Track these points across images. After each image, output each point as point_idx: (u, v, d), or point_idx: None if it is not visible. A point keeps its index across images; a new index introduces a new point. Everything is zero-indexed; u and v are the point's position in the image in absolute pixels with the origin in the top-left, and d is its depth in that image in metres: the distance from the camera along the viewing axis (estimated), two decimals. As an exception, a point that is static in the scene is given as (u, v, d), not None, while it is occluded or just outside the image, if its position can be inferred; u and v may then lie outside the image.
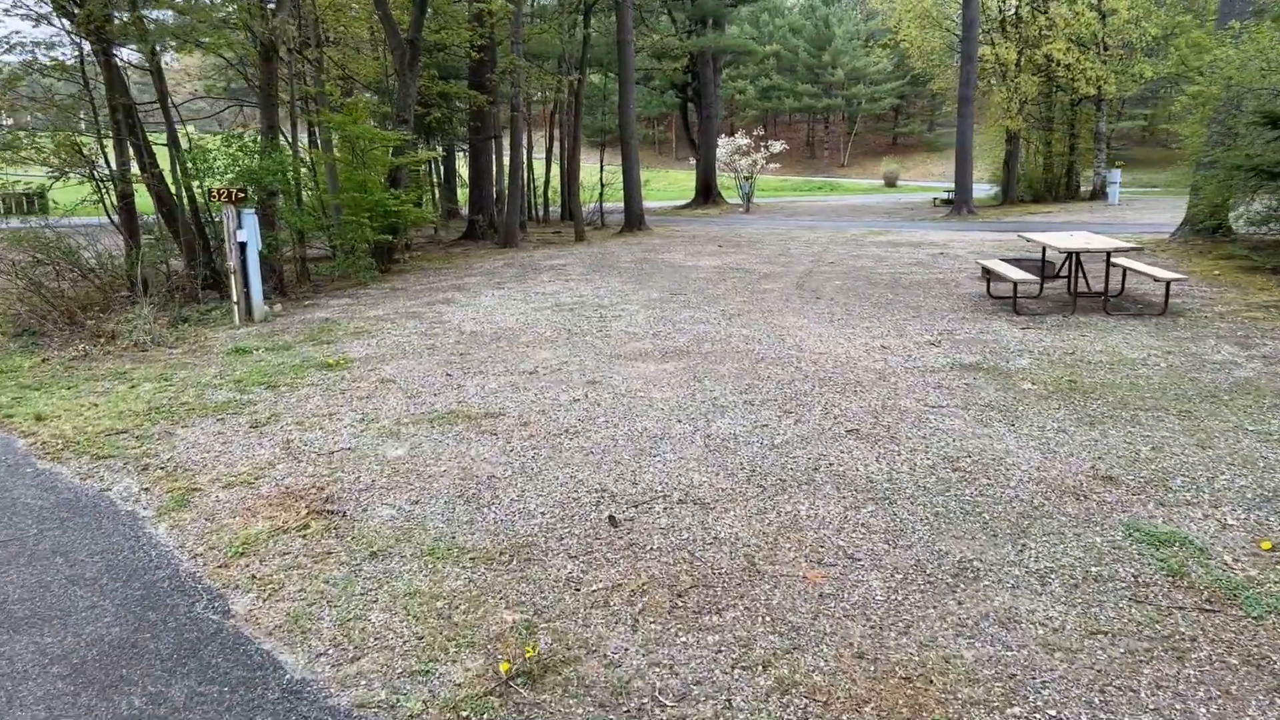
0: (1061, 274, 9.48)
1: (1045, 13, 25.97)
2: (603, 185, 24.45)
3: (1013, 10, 27.32)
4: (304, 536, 3.81)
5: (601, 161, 24.80)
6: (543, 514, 3.97)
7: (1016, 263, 11.29)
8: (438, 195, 27.24)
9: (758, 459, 4.58)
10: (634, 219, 20.72)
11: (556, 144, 25.77)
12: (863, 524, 3.76)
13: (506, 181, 18.76)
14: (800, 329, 8.04)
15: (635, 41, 27.49)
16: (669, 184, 48.56)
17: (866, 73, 59.70)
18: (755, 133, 33.97)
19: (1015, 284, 8.45)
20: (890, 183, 50.60)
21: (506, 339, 7.97)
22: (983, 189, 29.50)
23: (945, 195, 30.75)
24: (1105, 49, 26.18)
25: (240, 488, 4.41)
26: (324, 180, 14.67)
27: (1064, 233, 10.15)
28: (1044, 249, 9.58)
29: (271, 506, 4.16)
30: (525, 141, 23.45)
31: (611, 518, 3.89)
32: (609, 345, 7.54)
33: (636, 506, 4.02)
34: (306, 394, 6.19)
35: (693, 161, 36.16)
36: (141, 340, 8.11)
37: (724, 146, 31.99)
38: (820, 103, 60.68)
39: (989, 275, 9.51)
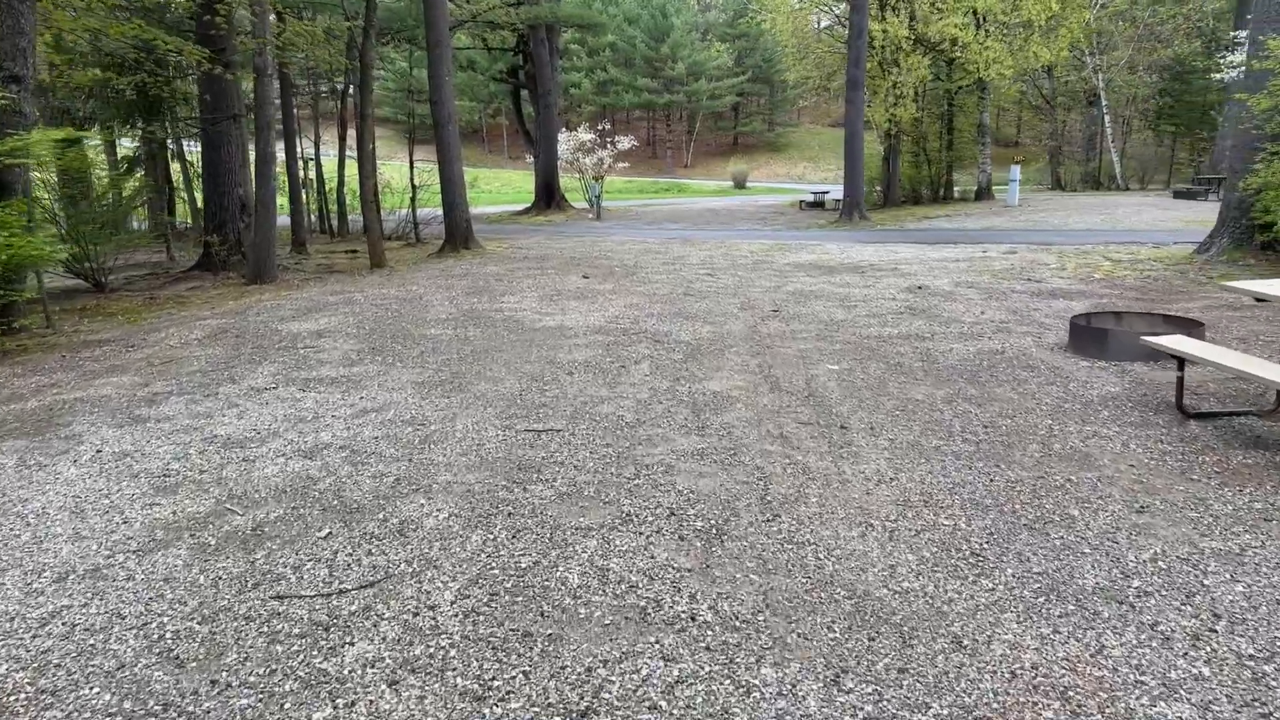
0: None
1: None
2: (414, 186, 18.25)
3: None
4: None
5: (411, 155, 18.59)
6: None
7: (1116, 318, 6.63)
8: (189, 205, 19.94)
9: None
10: (457, 233, 14.84)
11: (350, 130, 19.26)
12: None
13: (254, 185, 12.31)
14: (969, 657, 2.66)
15: (453, 12, 21.46)
16: (503, 185, 42.62)
17: (706, 68, 56.34)
18: (600, 127, 28.87)
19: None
20: (739, 184, 47.25)
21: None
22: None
23: (811, 197, 27.13)
24: (998, 28, 23.10)
25: None
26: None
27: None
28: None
29: None
30: (289, 122, 16.85)
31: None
32: None
33: None
34: None
35: (529, 159, 30.53)
36: None
37: (565, 143, 26.73)
38: (661, 99, 56.66)
39: (1180, 365, 4.63)
